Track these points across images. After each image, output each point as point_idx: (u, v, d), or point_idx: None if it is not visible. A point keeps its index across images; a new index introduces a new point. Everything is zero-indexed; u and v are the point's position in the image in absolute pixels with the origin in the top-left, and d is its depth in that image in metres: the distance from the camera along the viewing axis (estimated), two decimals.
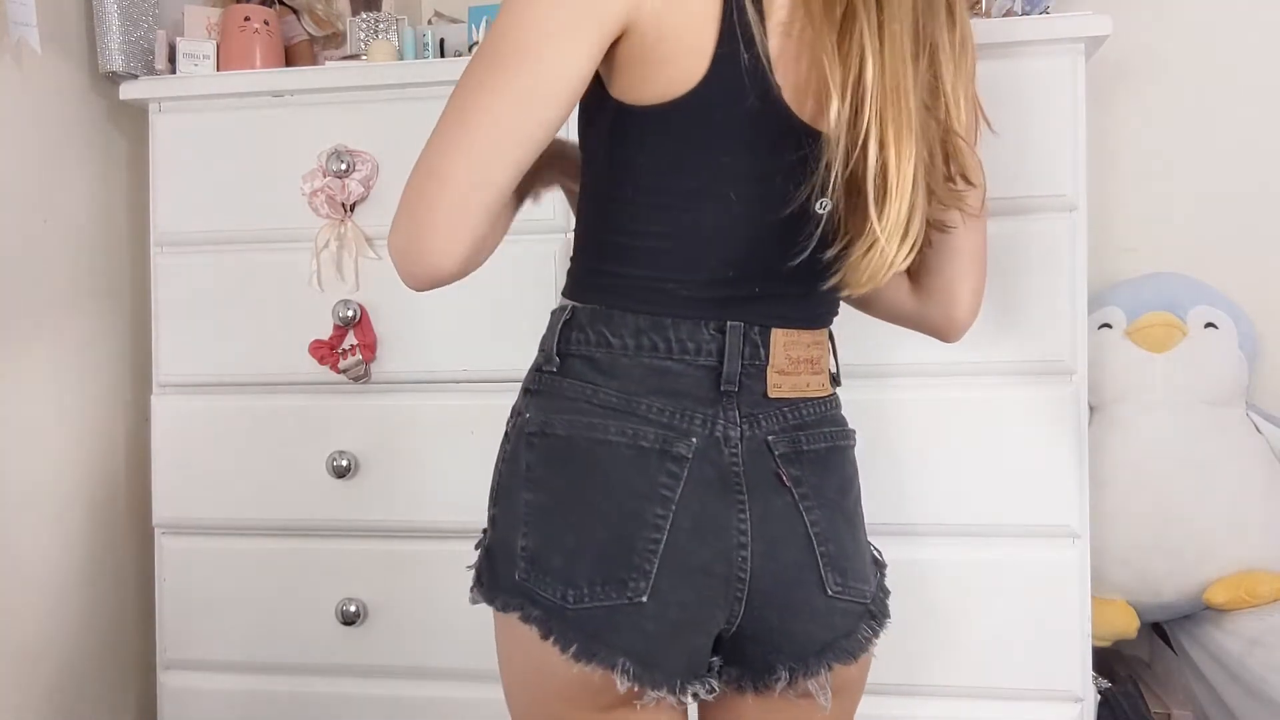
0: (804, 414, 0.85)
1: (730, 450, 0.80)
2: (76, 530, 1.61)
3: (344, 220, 1.54)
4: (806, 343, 0.86)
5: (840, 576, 0.83)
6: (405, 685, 1.56)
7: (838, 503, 0.85)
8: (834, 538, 0.84)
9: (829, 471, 0.86)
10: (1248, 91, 1.83)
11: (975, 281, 0.93)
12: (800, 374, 0.86)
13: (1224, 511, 1.65)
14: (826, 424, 0.87)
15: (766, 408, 0.83)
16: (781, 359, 0.84)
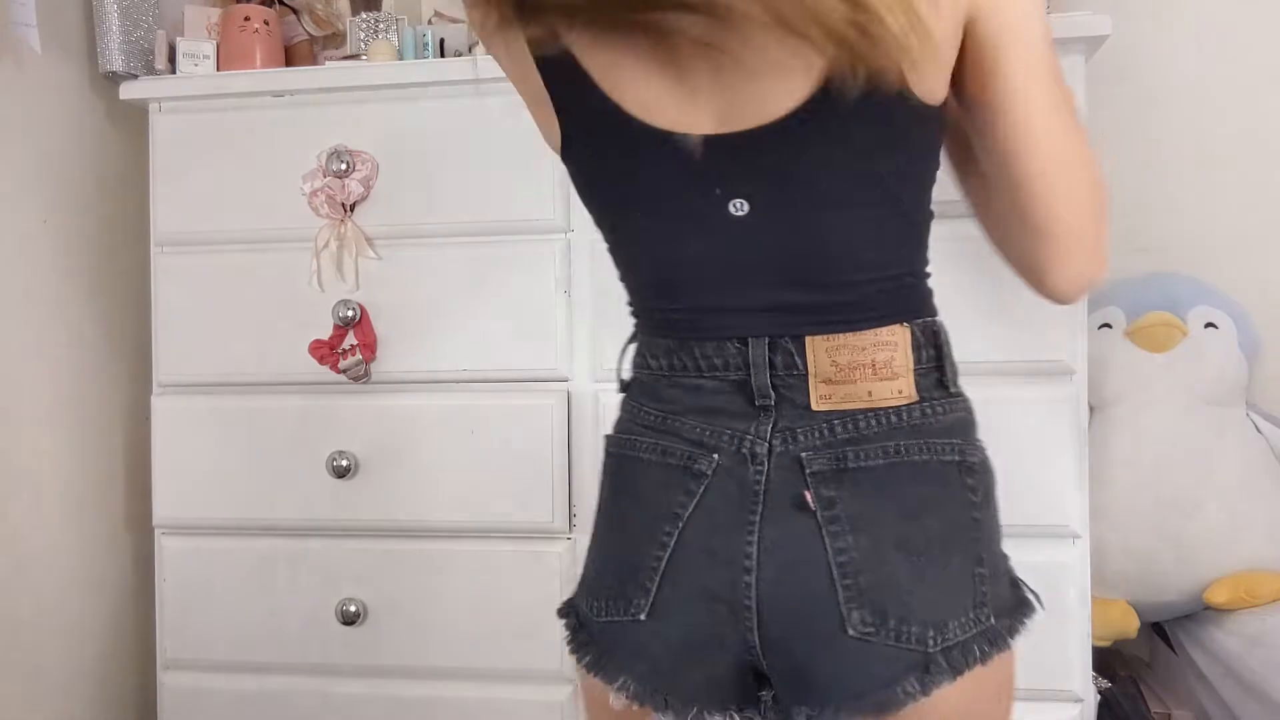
0: (862, 427, 0.75)
1: (756, 468, 0.75)
2: (76, 530, 1.61)
3: (344, 220, 1.54)
4: (864, 345, 0.76)
5: (875, 616, 0.72)
6: (405, 685, 1.56)
7: (893, 528, 0.73)
8: (873, 569, 0.72)
9: (885, 492, 0.74)
10: (1248, 91, 1.83)
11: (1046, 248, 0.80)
12: (858, 381, 0.75)
13: (1224, 511, 1.64)
14: (899, 436, 0.75)
15: (809, 421, 0.75)
16: (827, 366, 0.75)
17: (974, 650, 0.72)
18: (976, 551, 0.76)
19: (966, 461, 0.77)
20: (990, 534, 0.78)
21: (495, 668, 1.53)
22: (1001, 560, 0.80)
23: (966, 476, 0.77)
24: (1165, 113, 1.85)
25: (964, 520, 0.76)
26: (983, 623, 0.74)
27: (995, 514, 0.81)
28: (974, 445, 0.79)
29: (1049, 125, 0.72)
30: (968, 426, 0.80)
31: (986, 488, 0.80)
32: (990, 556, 0.77)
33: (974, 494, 0.77)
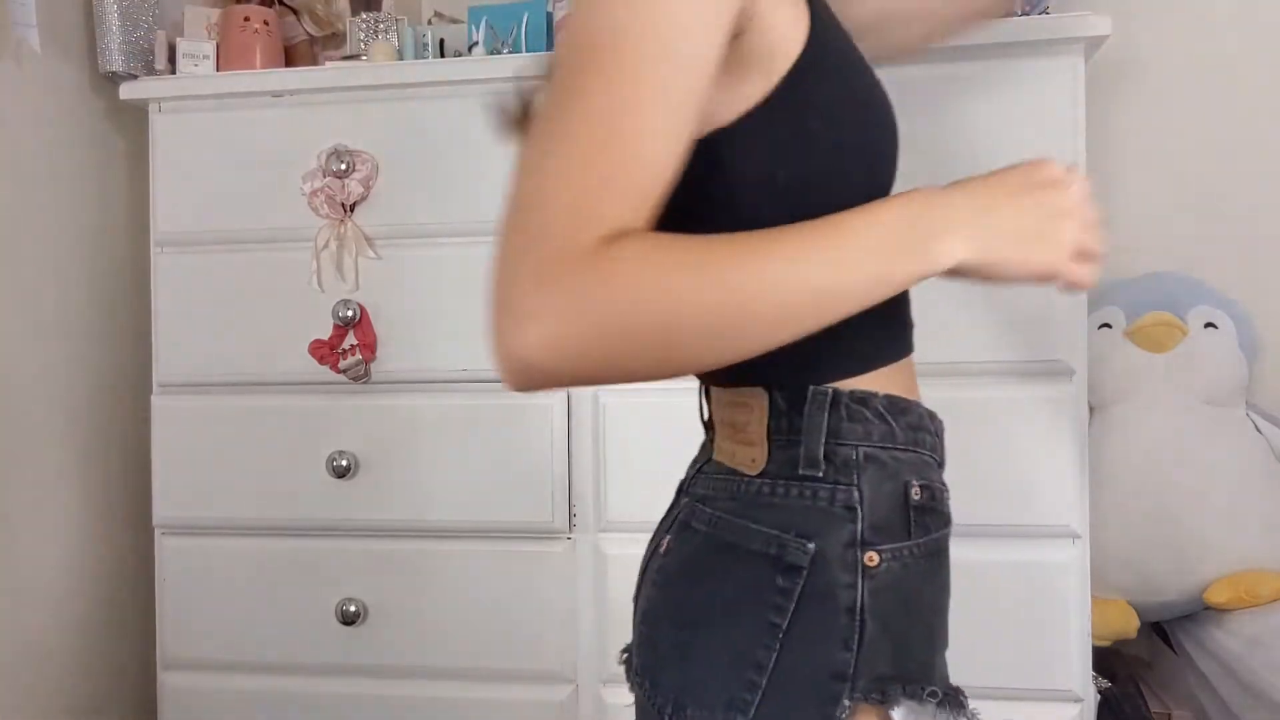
0: (716, 487, 0.71)
1: (676, 504, 0.77)
2: (76, 530, 1.61)
3: (344, 220, 1.54)
4: (725, 401, 0.72)
5: (642, 667, 0.72)
6: (405, 685, 1.56)
7: (679, 596, 0.71)
8: (653, 625, 0.72)
9: (696, 561, 0.70)
10: (1248, 91, 1.83)
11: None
12: (727, 439, 0.72)
13: (1224, 511, 1.64)
14: (730, 510, 0.69)
15: (709, 469, 0.74)
16: (715, 415, 0.74)
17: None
18: (754, 655, 0.64)
19: (785, 560, 0.65)
20: (793, 644, 0.64)
21: (495, 668, 1.53)
22: (816, 680, 0.64)
23: (778, 576, 0.65)
24: (1165, 113, 1.85)
25: (755, 619, 0.65)
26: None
27: (827, 628, 0.64)
28: (801, 546, 0.65)
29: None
30: (817, 519, 0.66)
31: (816, 596, 0.64)
32: (784, 668, 0.64)
33: (781, 596, 0.64)
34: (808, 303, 0.55)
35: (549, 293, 0.51)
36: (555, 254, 0.51)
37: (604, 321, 0.51)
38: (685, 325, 0.53)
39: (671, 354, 0.54)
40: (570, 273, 0.51)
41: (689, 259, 0.54)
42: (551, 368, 0.52)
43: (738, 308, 0.54)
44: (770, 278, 0.54)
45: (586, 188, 0.52)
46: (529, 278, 0.52)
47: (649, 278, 0.52)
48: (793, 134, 0.65)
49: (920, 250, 0.58)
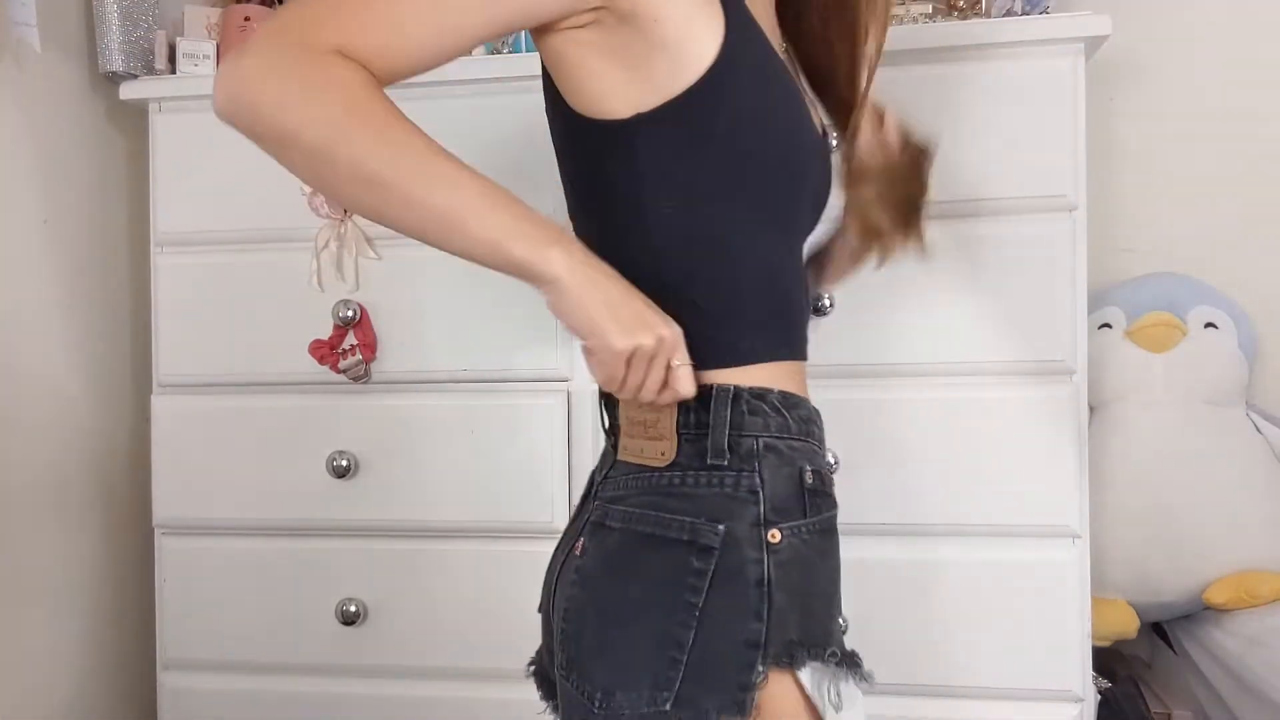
0: (626, 485, 0.76)
1: (585, 509, 0.81)
2: (76, 530, 1.61)
3: (344, 220, 1.54)
4: (634, 403, 0.75)
5: (567, 662, 0.75)
6: (405, 685, 1.56)
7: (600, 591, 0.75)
8: (577, 621, 0.75)
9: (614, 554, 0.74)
10: (1247, 91, 1.83)
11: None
12: (636, 437, 0.76)
13: (1224, 511, 1.64)
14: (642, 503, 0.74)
15: (615, 471, 0.78)
16: (624, 419, 0.77)
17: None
18: (674, 635, 0.69)
19: (699, 543, 0.70)
20: (711, 621, 0.70)
21: (495, 668, 1.53)
22: (733, 652, 0.70)
23: (693, 558, 0.70)
24: (1165, 112, 1.85)
25: (672, 602, 0.70)
26: (656, 704, 0.69)
27: (740, 603, 0.70)
28: (711, 528, 0.71)
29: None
30: (724, 504, 0.72)
31: (728, 574, 0.70)
32: (703, 644, 0.69)
33: (695, 577, 0.70)
34: (418, 214, 0.66)
35: (268, 47, 0.63)
36: (292, 27, 0.64)
37: (282, 92, 0.63)
38: (336, 151, 0.64)
39: (316, 162, 0.64)
40: (292, 45, 0.63)
41: (377, 109, 0.66)
42: (233, 99, 0.64)
43: (367, 171, 0.65)
44: (399, 168, 0.65)
45: (346, 10, 0.65)
46: (265, 32, 0.64)
47: (341, 92, 0.64)
48: (697, 136, 0.70)
49: (539, 247, 0.66)
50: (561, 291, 0.67)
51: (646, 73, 0.69)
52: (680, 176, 0.71)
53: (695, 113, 0.70)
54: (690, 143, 0.70)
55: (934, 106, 1.42)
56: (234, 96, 0.64)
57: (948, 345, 1.42)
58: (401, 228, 0.67)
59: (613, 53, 0.69)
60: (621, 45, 0.68)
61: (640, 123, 0.70)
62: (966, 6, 1.55)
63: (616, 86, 0.70)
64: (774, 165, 0.74)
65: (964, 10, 1.55)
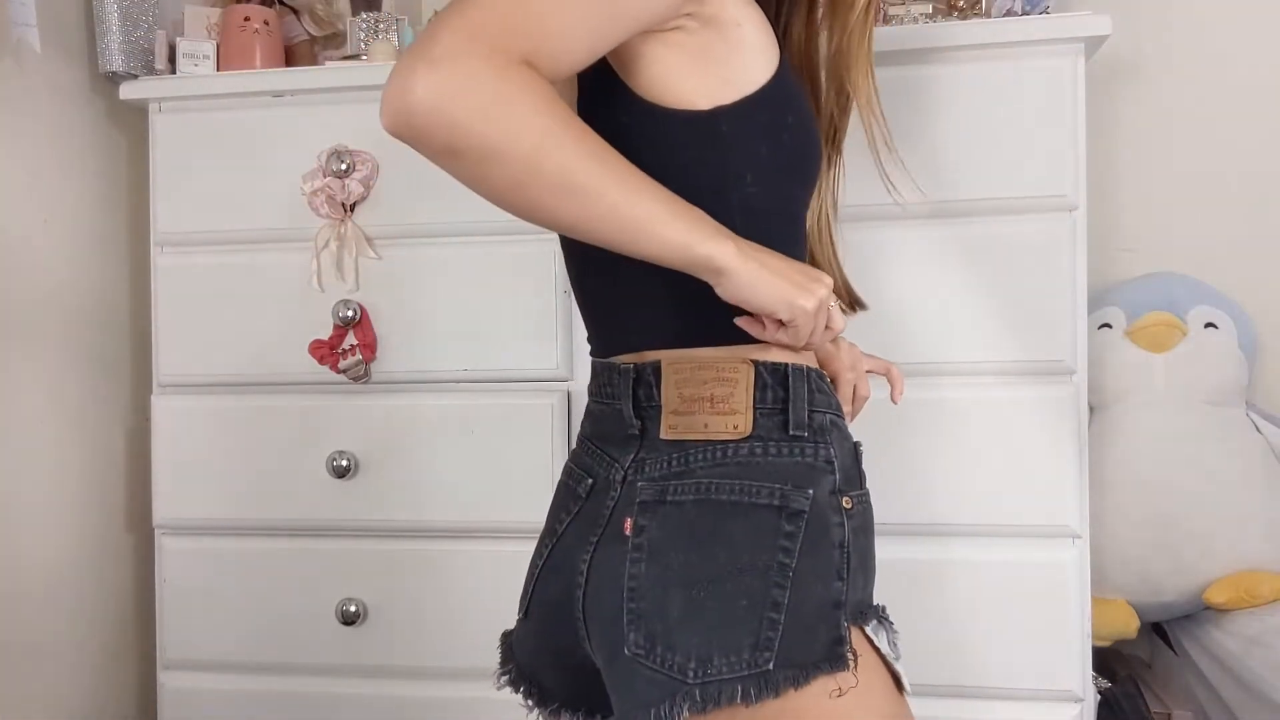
0: (690, 460, 0.77)
1: (612, 494, 0.81)
2: (77, 530, 1.61)
3: (344, 220, 1.54)
4: (707, 379, 0.78)
5: (646, 640, 0.73)
6: (405, 685, 1.56)
7: (680, 561, 0.74)
8: (653, 597, 0.74)
9: (688, 526, 0.75)
10: (1248, 91, 1.83)
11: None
12: (696, 414, 0.78)
13: (1224, 511, 1.64)
14: (718, 474, 0.76)
15: (657, 452, 0.79)
16: (674, 398, 0.78)
17: (735, 689, 0.71)
18: (771, 595, 0.72)
19: (788, 507, 0.74)
20: (803, 581, 0.73)
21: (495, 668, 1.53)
22: (823, 610, 0.74)
23: (784, 522, 0.74)
24: (1165, 113, 1.85)
25: (766, 564, 0.73)
26: (759, 666, 0.71)
27: (826, 564, 0.75)
28: (802, 492, 0.75)
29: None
30: (806, 472, 0.76)
31: (815, 536, 0.74)
32: (796, 603, 0.72)
33: (787, 539, 0.74)
34: (615, 222, 0.68)
35: (465, 56, 0.61)
36: (483, 35, 0.62)
37: (491, 105, 0.62)
38: (544, 162, 0.64)
39: (523, 174, 0.64)
40: (489, 54, 0.62)
41: (573, 120, 0.66)
42: (430, 113, 0.61)
43: (575, 182, 0.65)
44: (606, 179, 0.67)
45: (523, 12, 0.64)
46: (454, 39, 0.62)
47: (543, 103, 0.64)
48: (772, 124, 0.79)
49: (715, 242, 0.70)
50: (740, 277, 0.71)
51: (724, 69, 0.76)
52: (762, 158, 0.79)
53: (771, 104, 0.78)
54: (767, 130, 0.78)
55: (934, 106, 1.42)
56: (432, 109, 0.61)
57: (948, 345, 1.42)
58: (593, 234, 0.69)
59: (693, 52, 0.76)
60: (702, 46, 0.76)
61: (724, 112, 0.77)
62: (966, 6, 1.55)
63: (695, 82, 0.76)
64: (813, 146, 0.85)
65: (964, 10, 1.55)
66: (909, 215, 1.41)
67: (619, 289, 0.84)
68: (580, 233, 0.69)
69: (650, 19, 0.72)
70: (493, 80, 0.62)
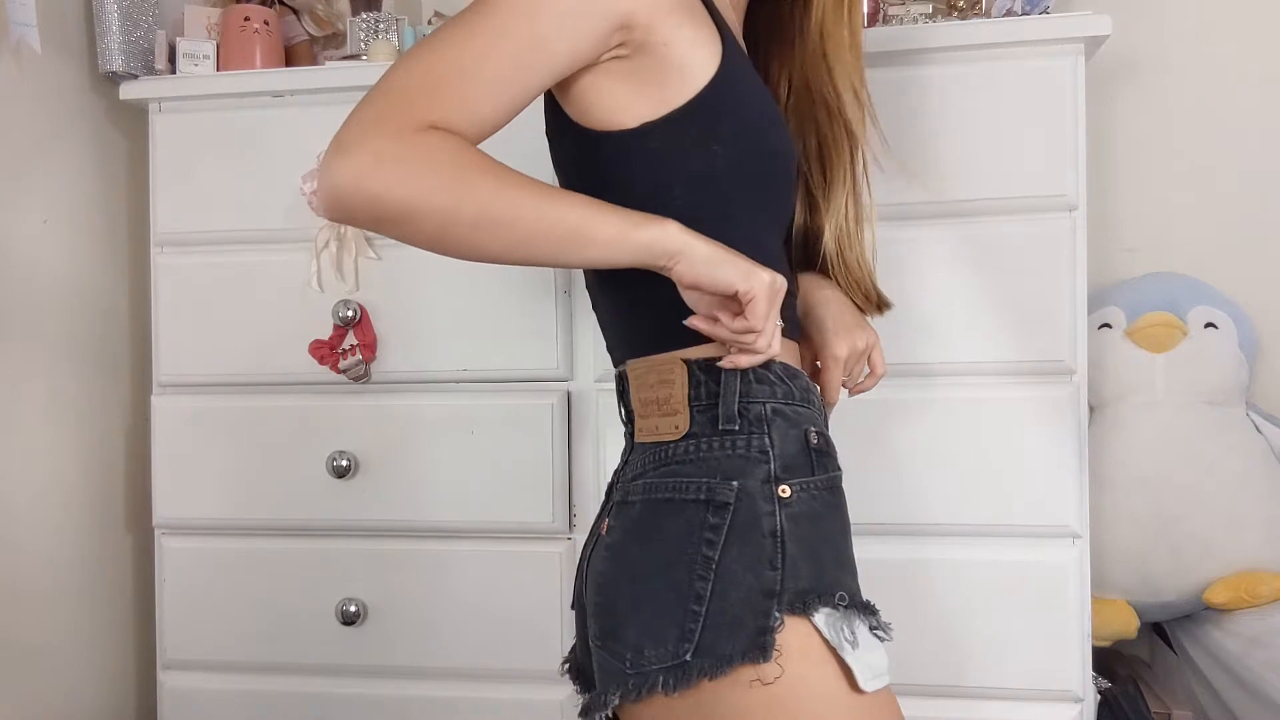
0: (645, 461, 0.82)
1: (611, 495, 0.87)
2: (76, 530, 1.61)
3: None
4: (647, 384, 0.82)
5: (602, 631, 0.79)
6: (405, 685, 1.56)
7: (630, 557, 0.79)
8: (609, 590, 0.80)
9: (638, 524, 0.80)
10: (1248, 91, 1.83)
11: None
12: (650, 416, 0.82)
13: (1224, 511, 1.64)
14: (661, 473, 0.80)
15: (634, 454, 0.85)
16: (636, 402, 0.84)
17: (658, 680, 0.74)
18: (695, 588, 0.75)
19: (714, 500, 0.77)
20: (727, 573, 0.75)
21: (495, 668, 1.53)
22: (750, 601, 0.75)
23: (710, 515, 0.77)
24: (1165, 113, 1.85)
25: (691, 557, 0.76)
26: (679, 657, 0.74)
27: (754, 555, 0.76)
28: (727, 485, 0.77)
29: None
30: (736, 465, 0.78)
31: (742, 528, 0.76)
32: (719, 594, 0.75)
33: (711, 532, 0.76)
34: (547, 239, 0.71)
35: (370, 139, 0.68)
36: (386, 116, 0.69)
37: (398, 173, 0.68)
38: (461, 207, 0.69)
39: (444, 222, 0.69)
40: (391, 132, 0.68)
41: (482, 162, 0.70)
42: (351, 194, 0.68)
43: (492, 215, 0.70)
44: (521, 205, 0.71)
45: (426, 86, 0.70)
46: (361, 126, 0.69)
47: (449, 156, 0.69)
48: (704, 133, 0.79)
49: (655, 226, 0.73)
50: (694, 256, 0.74)
51: (656, 89, 0.78)
52: (690, 167, 0.80)
53: (703, 114, 0.79)
54: (698, 139, 0.79)
55: (934, 106, 1.42)
56: (352, 191, 0.68)
57: (947, 345, 1.42)
58: (530, 258, 0.73)
59: (625, 75, 0.78)
60: (634, 69, 0.77)
61: (650, 129, 0.79)
62: (966, 6, 1.55)
63: (625, 103, 0.78)
64: (764, 156, 0.84)
65: (964, 10, 1.55)
66: (909, 215, 1.41)
67: (599, 306, 0.90)
68: (520, 258, 0.73)
69: (576, 61, 0.75)
70: (397, 151, 0.68)
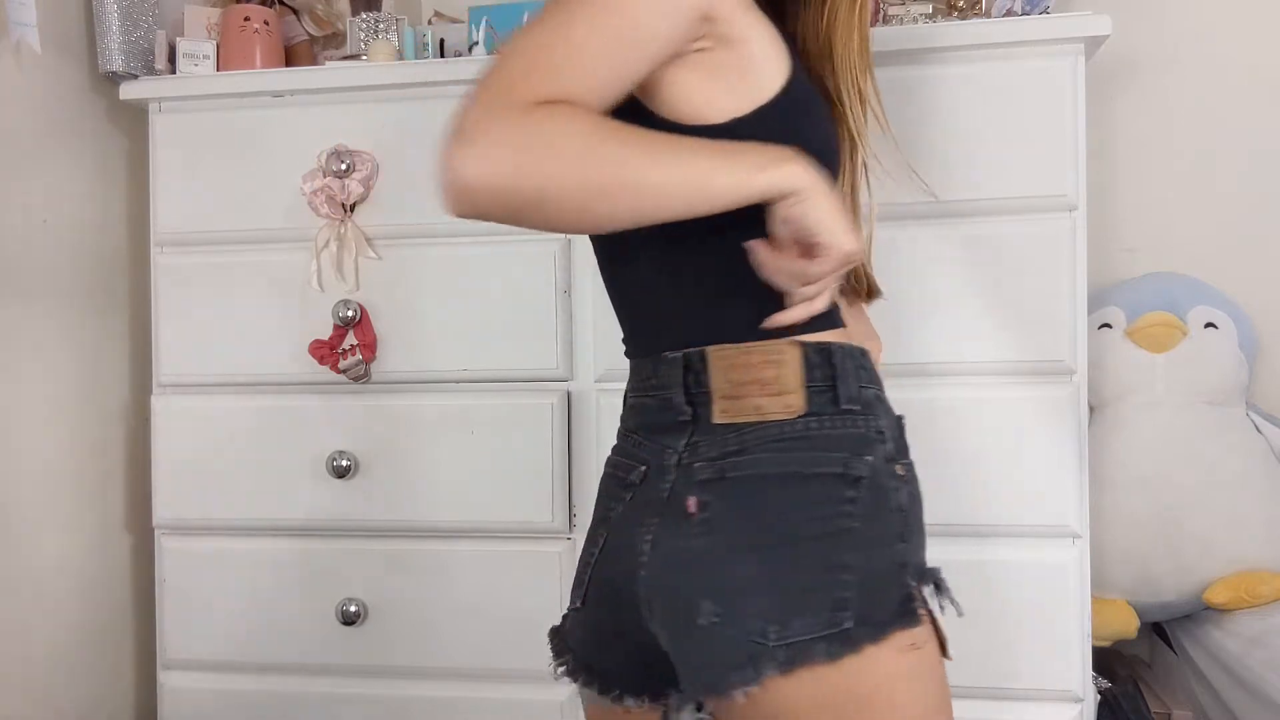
0: (746, 440, 0.81)
1: (668, 477, 0.83)
2: (77, 530, 1.61)
3: (344, 220, 1.54)
4: (754, 363, 0.82)
5: (721, 607, 0.77)
6: (405, 685, 1.56)
7: (752, 531, 0.78)
8: (725, 565, 0.78)
9: (753, 498, 0.79)
10: (1248, 91, 1.83)
11: None
12: (748, 397, 0.81)
13: (1224, 511, 1.65)
14: (772, 449, 0.80)
15: (711, 435, 0.82)
16: (723, 383, 0.82)
17: (816, 649, 0.74)
18: (842, 559, 0.77)
19: (849, 474, 0.79)
20: (870, 544, 0.78)
21: (495, 668, 1.53)
22: (891, 571, 0.79)
23: (846, 489, 0.79)
24: (1165, 113, 1.86)
25: (832, 528, 0.78)
26: (837, 625, 0.75)
27: (889, 527, 0.80)
28: (861, 460, 0.80)
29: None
30: (861, 442, 0.81)
31: (876, 501, 0.79)
32: (866, 564, 0.77)
33: (851, 505, 0.78)
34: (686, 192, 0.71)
35: (489, 124, 0.66)
36: (501, 99, 0.67)
37: (518, 162, 0.66)
38: (597, 179, 0.68)
39: (585, 198, 0.69)
40: (508, 112, 0.67)
41: (606, 125, 0.70)
42: (480, 185, 0.66)
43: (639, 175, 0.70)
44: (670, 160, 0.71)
45: (537, 65, 0.69)
46: (479, 114, 0.67)
47: (572, 125, 0.68)
48: (788, 130, 0.79)
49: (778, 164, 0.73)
50: (817, 200, 0.74)
51: (740, 83, 0.79)
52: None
53: (784, 113, 0.81)
54: (780, 138, 0.79)
55: (934, 106, 1.42)
56: (477, 187, 0.66)
57: (947, 345, 1.42)
58: (663, 215, 0.72)
59: (710, 70, 0.79)
60: (718, 64, 0.78)
61: (739, 124, 0.79)
62: (966, 6, 1.55)
63: (712, 97, 0.79)
64: (832, 158, 0.87)
65: (964, 10, 1.55)
66: (909, 215, 1.41)
67: (657, 291, 0.87)
68: (652, 219, 0.72)
69: (670, 46, 0.75)
70: (519, 133, 0.66)
